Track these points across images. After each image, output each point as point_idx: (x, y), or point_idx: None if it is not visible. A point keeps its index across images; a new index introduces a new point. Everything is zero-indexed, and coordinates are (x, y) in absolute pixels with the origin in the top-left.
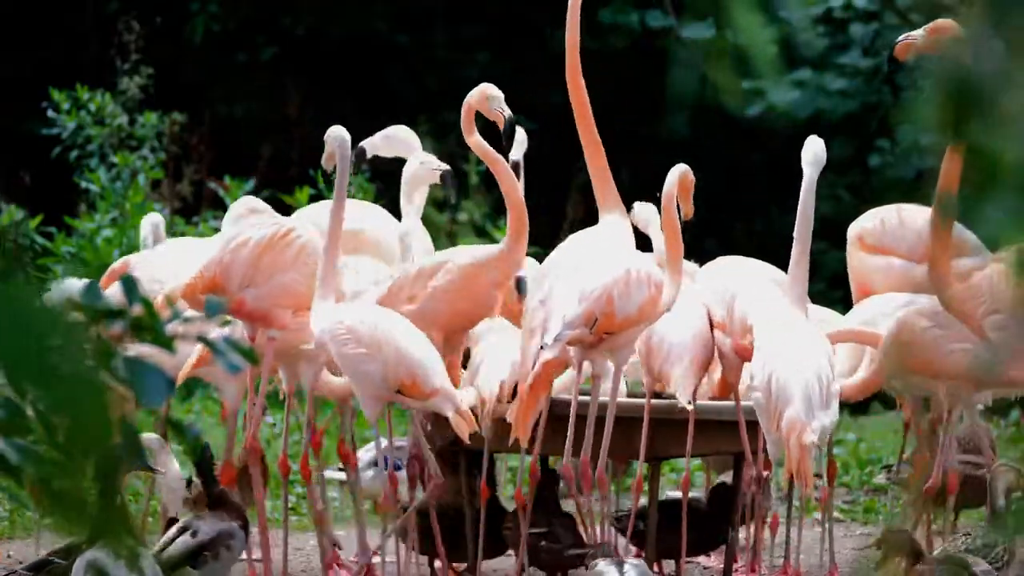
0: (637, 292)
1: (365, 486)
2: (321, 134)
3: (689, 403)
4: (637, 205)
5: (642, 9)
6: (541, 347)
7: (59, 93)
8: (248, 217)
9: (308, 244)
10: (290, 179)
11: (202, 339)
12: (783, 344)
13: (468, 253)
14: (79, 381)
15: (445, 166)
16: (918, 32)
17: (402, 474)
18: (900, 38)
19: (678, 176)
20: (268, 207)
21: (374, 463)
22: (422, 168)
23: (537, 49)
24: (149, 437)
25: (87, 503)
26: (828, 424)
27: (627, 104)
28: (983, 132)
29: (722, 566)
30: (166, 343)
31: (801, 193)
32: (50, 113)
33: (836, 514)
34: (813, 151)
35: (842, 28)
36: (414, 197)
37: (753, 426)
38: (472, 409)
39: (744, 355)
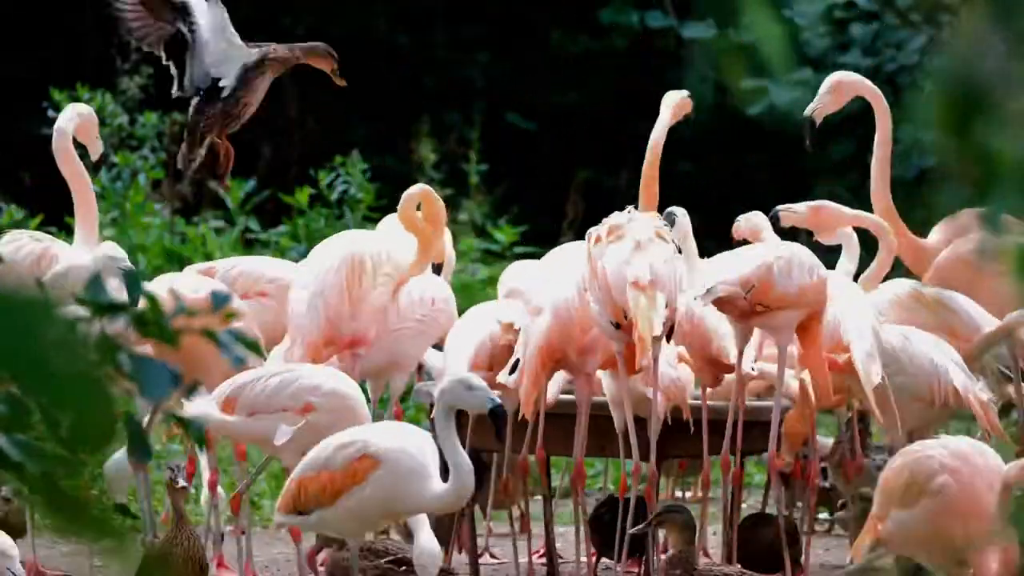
0: (799, 274)
1: None
2: (321, 134)
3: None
4: (677, 211)
5: (642, 9)
6: (695, 298)
7: (59, 93)
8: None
9: (375, 257)
10: (290, 179)
11: (207, 333)
12: (908, 329)
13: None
14: (81, 377)
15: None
16: (821, 98)
17: None
18: (809, 108)
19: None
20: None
21: None
22: None
23: (537, 49)
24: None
25: (87, 503)
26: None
27: (627, 104)
28: (987, 132)
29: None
30: (170, 338)
31: None
32: (50, 113)
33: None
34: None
35: (842, 28)
36: None
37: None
38: None
39: (832, 368)
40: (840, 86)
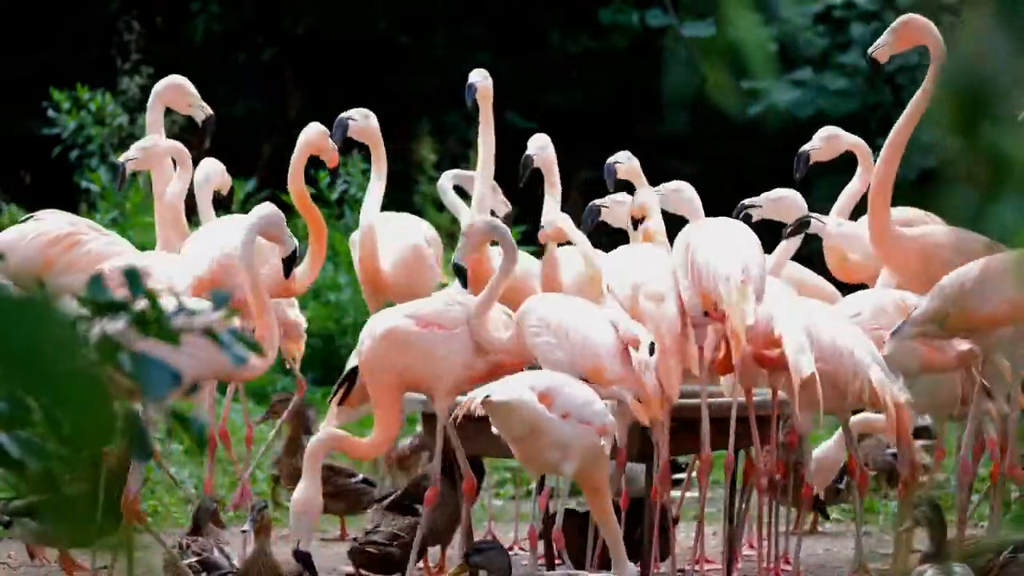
0: (995, 286)
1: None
2: None
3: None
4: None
5: (642, 9)
6: (883, 341)
7: (59, 93)
8: None
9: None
10: None
11: (207, 332)
12: (832, 318)
13: None
14: (82, 377)
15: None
16: (885, 37)
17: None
18: (872, 48)
19: None
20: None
21: None
22: None
23: (537, 49)
24: None
25: (88, 504)
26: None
27: (627, 104)
28: (991, 131)
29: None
30: (170, 337)
31: None
32: (50, 113)
33: (836, 515)
34: None
35: (842, 28)
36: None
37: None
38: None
39: (763, 363)
40: (908, 27)
